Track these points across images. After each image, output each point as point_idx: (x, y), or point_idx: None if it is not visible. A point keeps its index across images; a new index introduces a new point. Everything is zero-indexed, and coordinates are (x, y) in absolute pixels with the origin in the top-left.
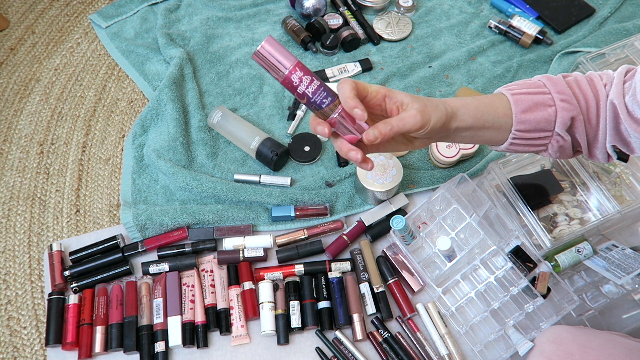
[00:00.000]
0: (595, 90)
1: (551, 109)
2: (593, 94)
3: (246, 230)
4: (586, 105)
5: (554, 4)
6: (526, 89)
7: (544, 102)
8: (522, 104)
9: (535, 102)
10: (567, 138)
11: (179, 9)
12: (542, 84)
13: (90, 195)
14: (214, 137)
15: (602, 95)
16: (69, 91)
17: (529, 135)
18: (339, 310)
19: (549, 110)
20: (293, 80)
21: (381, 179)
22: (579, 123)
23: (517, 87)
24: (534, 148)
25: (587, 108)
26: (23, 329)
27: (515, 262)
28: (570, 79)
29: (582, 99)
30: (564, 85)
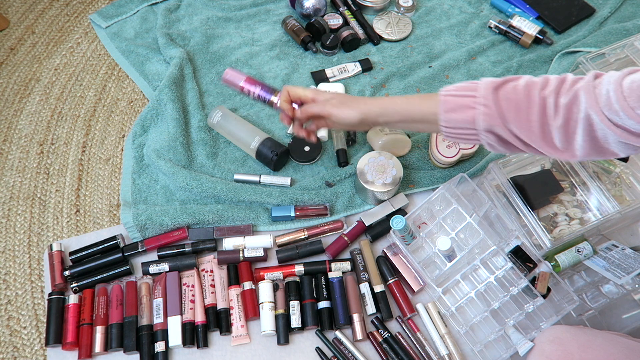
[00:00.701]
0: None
1: (472, 111)
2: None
3: (246, 230)
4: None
5: (554, 4)
6: (459, 91)
7: (467, 105)
8: (448, 105)
9: (460, 104)
10: (492, 137)
11: (179, 9)
12: (475, 88)
13: (90, 195)
14: (214, 137)
15: (534, 101)
16: (69, 91)
17: (457, 131)
18: (339, 310)
19: (469, 113)
20: (245, 90)
21: (381, 179)
22: (500, 129)
23: (454, 89)
24: (468, 141)
25: (516, 114)
26: (23, 329)
27: (515, 262)
28: (509, 87)
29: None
30: (491, 89)
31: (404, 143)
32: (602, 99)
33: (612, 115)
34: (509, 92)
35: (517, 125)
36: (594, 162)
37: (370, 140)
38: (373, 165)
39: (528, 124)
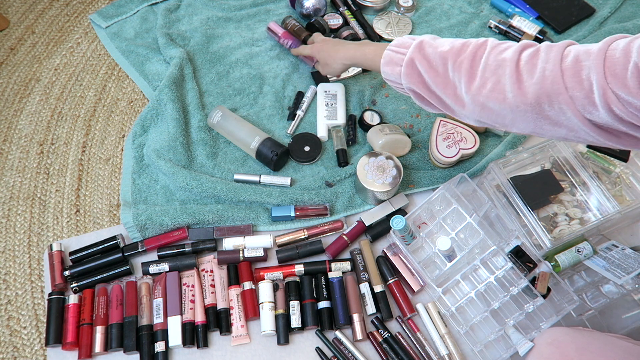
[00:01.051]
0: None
1: (398, 68)
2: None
3: (246, 230)
4: (427, 71)
5: (554, 4)
6: (396, 47)
7: (395, 61)
8: (385, 58)
9: (392, 59)
10: (412, 94)
11: (179, 9)
12: (409, 45)
13: (90, 195)
14: (214, 137)
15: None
16: (69, 91)
17: (392, 83)
18: (339, 310)
19: (397, 69)
20: (282, 41)
21: (381, 179)
22: (417, 87)
23: (396, 44)
24: (404, 91)
25: (427, 73)
26: (23, 329)
27: (515, 262)
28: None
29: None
30: (417, 50)
31: (404, 143)
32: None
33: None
34: (429, 52)
35: (434, 84)
36: (594, 162)
37: (370, 140)
38: (373, 165)
39: (440, 79)
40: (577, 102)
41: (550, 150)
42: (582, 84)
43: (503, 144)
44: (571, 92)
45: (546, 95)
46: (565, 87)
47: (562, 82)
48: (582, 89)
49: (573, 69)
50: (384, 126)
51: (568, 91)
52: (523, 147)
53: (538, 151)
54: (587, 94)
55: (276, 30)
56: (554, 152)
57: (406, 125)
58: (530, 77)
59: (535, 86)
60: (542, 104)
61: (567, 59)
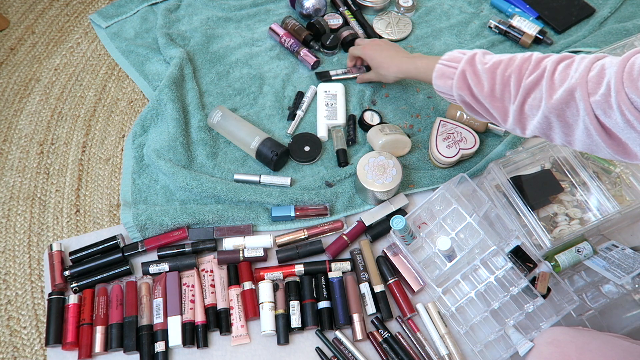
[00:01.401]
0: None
1: (450, 81)
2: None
3: (246, 230)
4: (477, 85)
5: (554, 4)
6: (448, 61)
7: (448, 75)
8: (437, 72)
9: (444, 73)
10: (464, 106)
11: (179, 9)
12: (460, 59)
13: (90, 195)
14: (214, 137)
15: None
16: (69, 91)
17: (444, 95)
18: (339, 310)
19: (449, 82)
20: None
21: (381, 179)
22: (468, 96)
23: (447, 58)
24: (452, 100)
25: (477, 86)
26: (23, 329)
27: (515, 262)
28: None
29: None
30: (468, 64)
31: (404, 143)
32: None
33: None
34: (478, 68)
35: (482, 97)
36: (594, 162)
37: (370, 140)
38: (373, 165)
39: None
40: (595, 106)
41: (550, 150)
42: (602, 88)
43: (503, 144)
44: (592, 97)
45: (572, 100)
46: (587, 94)
47: (586, 89)
48: (602, 93)
49: (597, 77)
50: (384, 126)
51: (590, 97)
52: (523, 147)
53: (538, 151)
54: (606, 97)
55: (278, 31)
56: (554, 152)
57: (406, 125)
58: (560, 85)
59: (562, 92)
60: (564, 109)
61: (595, 69)
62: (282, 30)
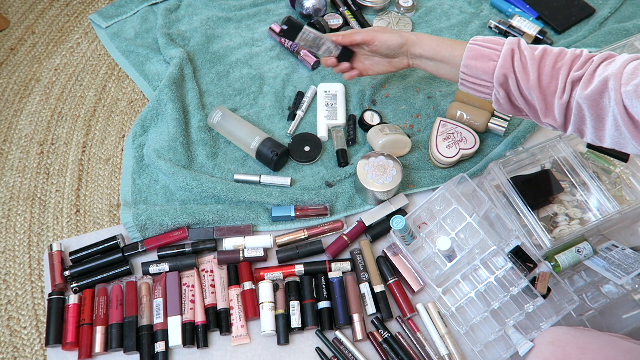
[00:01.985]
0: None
1: (492, 63)
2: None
3: (246, 230)
4: (523, 71)
5: (554, 4)
6: (486, 42)
7: (489, 56)
8: (472, 52)
9: (482, 53)
10: (502, 94)
11: (179, 9)
12: (502, 42)
13: (90, 195)
14: (214, 137)
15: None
16: (69, 91)
17: (472, 79)
18: (339, 310)
19: (490, 64)
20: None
21: (381, 179)
22: (512, 82)
23: (481, 39)
24: (481, 94)
25: (523, 72)
26: (23, 329)
27: (515, 262)
28: (526, 48)
29: (520, 66)
30: (512, 47)
31: (404, 143)
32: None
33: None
34: (526, 53)
35: (526, 86)
36: (594, 162)
37: (370, 140)
38: (373, 165)
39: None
40: (625, 96)
41: (550, 150)
42: (636, 79)
43: (503, 144)
44: (624, 87)
45: (606, 91)
46: (620, 84)
47: (620, 80)
48: (635, 84)
49: (634, 69)
50: (384, 126)
51: (621, 87)
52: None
53: (538, 151)
54: (637, 87)
55: (277, 31)
56: (554, 152)
57: (406, 125)
58: (599, 77)
59: (597, 83)
60: (597, 99)
61: (633, 64)
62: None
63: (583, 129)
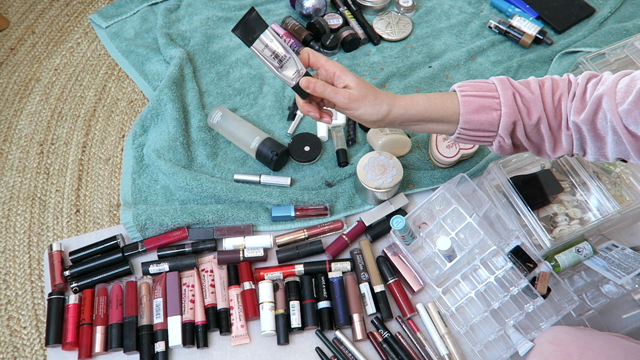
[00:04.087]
0: (543, 103)
1: (496, 113)
2: (541, 106)
3: (246, 230)
4: (528, 114)
5: (554, 4)
6: (477, 91)
7: (491, 106)
8: (470, 105)
9: (482, 105)
10: (508, 141)
11: (179, 9)
12: (494, 88)
13: (90, 195)
14: (214, 137)
15: (549, 106)
16: (69, 91)
17: (474, 133)
18: (339, 310)
19: (494, 115)
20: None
21: (381, 179)
22: (519, 127)
23: (470, 88)
24: (479, 143)
25: (528, 116)
26: (23, 329)
27: (515, 262)
28: (521, 87)
29: (524, 109)
30: (510, 91)
31: (404, 143)
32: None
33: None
34: (525, 95)
35: (534, 129)
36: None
37: (370, 140)
38: (373, 165)
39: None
40: (623, 115)
41: None
42: (631, 96)
43: None
44: (620, 107)
45: (601, 112)
46: (615, 104)
47: (614, 99)
48: (631, 101)
49: (626, 87)
50: None
51: (618, 107)
52: None
53: None
54: (636, 104)
55: (278, 31)
56: None
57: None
58: (589, 98)
59: (591, 104)
60: (594, 120)
61: (624, 81)
62: (282, 30)
63: (585, 149)
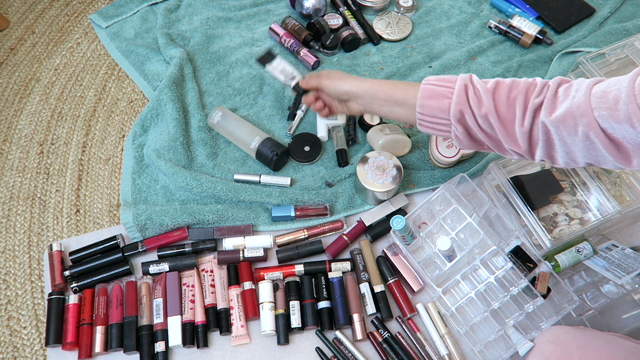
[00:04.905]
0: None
1: (447, 100)
2: (506, 101)
3: (246, 230)
4: (478, 105)
5: (554, 4)
6: (438, 82)
7: (443, 94)
8: (426, 92)
9: (437, 92)
10: (460, 129)
11: (179, 9)
12: (454, 80)
13: (90, 195)
14: (214, 137)
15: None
16: (69, 91)
17: (430, 119)
18: (339, 310)
19: (445, 102)
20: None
21: (381, 179)
22: (469, 116)
23: (434, 79)
24: (440, 132)
25: (478, 106)
26: (23, 329)
27: (515, 262)
28: (479, 81)
29: (475, 99)
30: (465, 83)
31: (404, 143)
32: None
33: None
34: (479, 87)
35: (484, 119)
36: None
37: (370, 140)
38: (373, 165)
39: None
40: (600, 121)
41: None
42: (608, 103)
43: None
44: (596, 112)
45: (571, 117)
46: (591, 109)
47: (589, 105)
48: (608, 107)
49: (602, 93)
50: (384, 126)
51: (594, 112)
52: None
53: None
54: (612, 110)
55: (278, 31)
56: None
57: (406, 125)
58: (562, 102)
59: (564, 109)
60: (564, 126)
61: (598, 87)
62: (282, 30)
63: (553, 155)
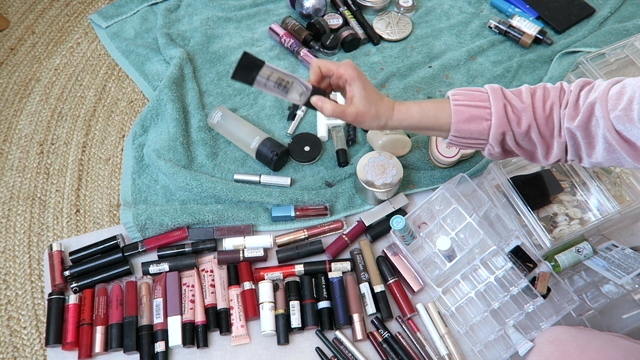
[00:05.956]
0: (534, 111)
1: (486, 123)
2: (531, 114)
3: (246, 230)
4: (517, 123)
5: (554, 4)
6: (469, 101)
7: (481, 116)
8: (461, 115)
9: (473, 115)
10: (498, 149)
11: (179, 9)
12: (486, 98)
13: (90, 195)
14: (214, 137)
15: (540, 116)
16: (69, 91)
17: (465, 140)
18: (339, 310)
19: (484, 125)
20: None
21: (381, 179)
22: (509, 137)
23: (463, 97)
24: (471, 148)
25: (518, 125)
26: (23, 329)
27: (515, 262)
28: (513, 97)
29: (515, 119)
30: (502, 102)
31: (404, 143)
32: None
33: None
34: (515, 103)
35: (524, 138)
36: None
37: (370, 140)
38: (373, 165)
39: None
40: (615, 123)
41: None
42: (622, 103)
43: None
44: (612, 113)
45: (591, 120)
46: (607, 111)
47: (606, 106)
48: (623, 108)
49: (618, 94)
50: None
51: (610, 114)
52: None
53: None
54: (626, 110)
55: (278, 31)
56: None
57: None
58: (583, 107)
59: (584, 110)
60: (587, 126)
61: (615, 88)
62: (282, 30)
63: (580, 155)
